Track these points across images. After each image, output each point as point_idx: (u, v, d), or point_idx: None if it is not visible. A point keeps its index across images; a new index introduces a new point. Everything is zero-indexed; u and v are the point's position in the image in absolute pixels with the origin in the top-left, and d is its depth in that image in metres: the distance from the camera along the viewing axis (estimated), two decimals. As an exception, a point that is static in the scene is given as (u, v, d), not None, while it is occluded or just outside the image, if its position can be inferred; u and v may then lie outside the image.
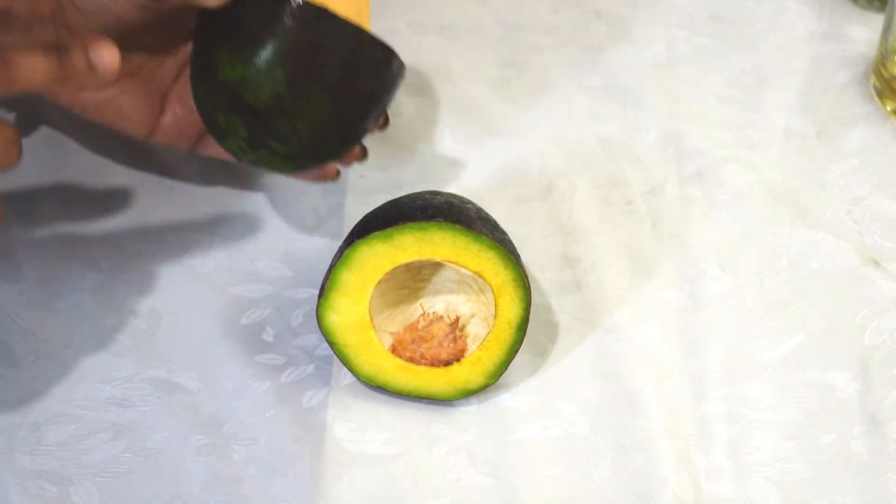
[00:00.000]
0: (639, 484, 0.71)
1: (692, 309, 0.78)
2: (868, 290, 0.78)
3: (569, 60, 0.91)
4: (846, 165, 0.84)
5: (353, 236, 0.71)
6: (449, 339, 0.74)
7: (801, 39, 0.91)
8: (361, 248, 0.70)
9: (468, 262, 0.70)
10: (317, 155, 0.72)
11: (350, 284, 0.71)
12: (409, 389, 0.73)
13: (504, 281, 0.71)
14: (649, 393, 0.74)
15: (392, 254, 0.70)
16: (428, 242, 0.70)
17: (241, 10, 0.68)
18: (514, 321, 0.72)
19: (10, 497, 0.71)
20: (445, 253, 0.70)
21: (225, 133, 0.71)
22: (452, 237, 0.70)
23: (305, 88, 0.68)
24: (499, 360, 0.72)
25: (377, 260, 0.70)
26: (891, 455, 0.71)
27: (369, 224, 0.71)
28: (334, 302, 0.71)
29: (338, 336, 0.72)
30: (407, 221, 0.70)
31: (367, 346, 0.72)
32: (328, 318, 0.72)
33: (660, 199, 0.83)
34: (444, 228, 0.70)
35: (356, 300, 0.71)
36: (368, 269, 0.71)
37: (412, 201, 0.72)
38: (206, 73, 0.70)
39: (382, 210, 0.72)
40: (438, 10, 0.94)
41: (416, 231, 0.70)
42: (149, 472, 0.72)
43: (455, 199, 0.73)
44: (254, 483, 0.71)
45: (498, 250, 0.70)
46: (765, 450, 0.72)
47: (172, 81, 0.77)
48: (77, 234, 0.81)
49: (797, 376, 0.75)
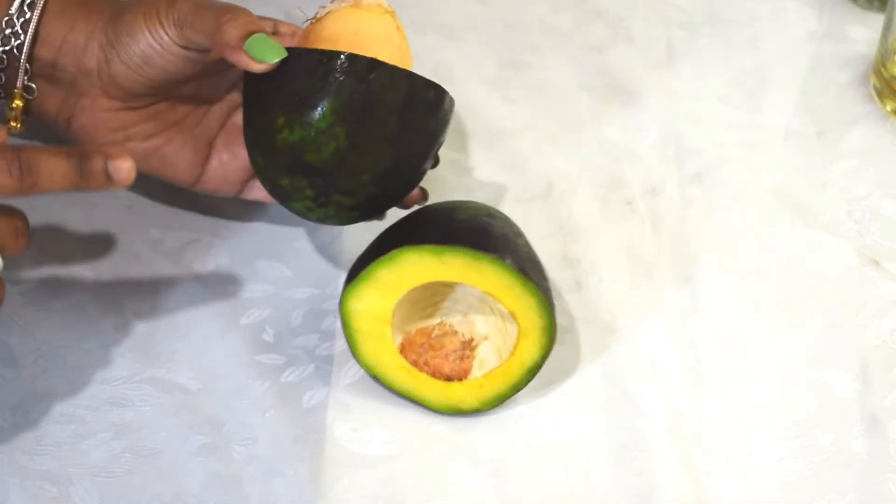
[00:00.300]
0: (639, 484, 0.71)
1: (692, 309, 0.78)
2: (868, 290, 0.78)
3: (569, 60, 0.91)
4: (846, 165, 0.84)
5: (404, 234, 0.71)
6: (456, 356, 0.74)
7: (801, 39, 0.91)
8: (410, 255, 0.70)
9: (507, 300, 0.71)
10: (381, 203, 0.72)
11: (385, 281, 0.70)
12: (403, 389, 0.73)
13: (534, 327, 0.71)
14: (649, 393, 0.74)
15: (438, 269, 0.70)
16: (476, 272, 0.70)
17: (290, 69, 0.68)
18: (528, 364, 0.72)
19: (10, 497, 0.71)
20: (489, 286, 0.70)
21: (290, 195, 0.70)
22: (501, 275, 0.70)
23: (366, 142, 0.68)
24: (499, 393, 0.73)
25: (421, 270, 0.70)
26: (891, 455, 0.71)
27: (424, 228, 0.71)
28: (363, 291, 0.71)
29: (354, 321, 0.72)
30: (462, 244, 0.69)
31: (379, 339, 0.72)
32: (351, 304, 0.71)
33: (660, 199, 0.83)
34: (496, 265, 0.69)
35: (385, 296, 0.71)
36: (409, 275, 0.70)
37: (471, 219, 0.72)
38: (263, 139, 0.70)
39: (441, 217, 0.72)
40: (438, 10, 0.94)
41: (468, 258, 0.69)
42: (149, 472, 0.72)
43: (509, 228, 0.72)
44: (254, 483, 0.71)
45: (539, 299, 0.70)
46: (765, 450, 0.72)
47: (218, 129, 0.78)
48: (77, 234, 0.81)
49: (797, 376, 0.75)
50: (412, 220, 0.73)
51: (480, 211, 0.73)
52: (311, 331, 0.77)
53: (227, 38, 0.69)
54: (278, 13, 0.92)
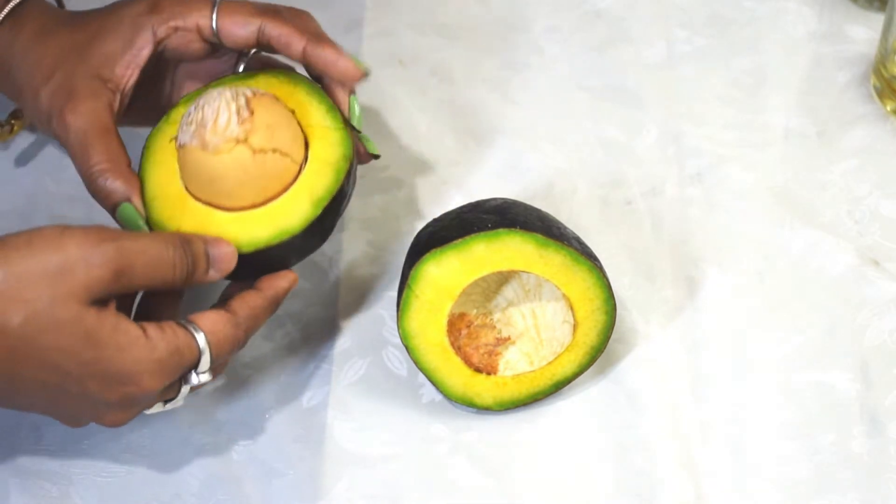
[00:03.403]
0: (639, 484, 0.71)
1: (692, 309, 0.78)
2: (868, 290, 0.78)
3: (569, 60, 0.91)
4: (846, 165, 0.84)
5: (501, 216, 0.70)
6: (487, 350, 0.74)
7: (801, 39, 0.91)
8: (515, 238, 0.69)
9: (581, 311, 0.71)
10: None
11: (476, 256, 0.70)
12: (428, 367, 0.72)
13: (590, 348, 0.72)
14: (649, 393, 0.74)
15: (533, 260, 0.70)
16: (570, 277, 0.70)
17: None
18: (558, 377, 0.73)
19: (10, 497, 0.71)
20: (576, 294, 0.71)
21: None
22: (593, 287, 0.71)
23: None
24: (518, 397, 0.73)
25: (517, 256, 0.70)
26: (891, 455, 0.71)
27: (524, 217, 0.71)
28: (447, 259, 0.70)
29: (420, 284, 0.70)
30: (569, 245, 0.70)
31: (435, 311, 0.71)
32: (428, 267, 0.70)
33: (660, 199, 0.83)
34: (594, 275, 0.71)
35: (466, 271, 0.70)
36: (503, 257, 0.70)
37: (561, 229, 0.72)
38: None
39: (532, 212, 0.72)
40: (438, 10, 0.94)
41: (569, 260, 0.70)
42: (149, 472, 0.72)
43: (576, 240, 0.73)
44: (254, 483, 0.71)
45: (607, 326, 0.72)
46: (765, 450, 0.72)
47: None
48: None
49: (797, 376, 0.75)
50: (503, 207, 0.72)
51: (570, 234, 0.73)
52: (312, 330, 0.77)
53: (99, 202, 0.70)
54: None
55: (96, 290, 0.61)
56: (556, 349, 0.73)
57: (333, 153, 0.70)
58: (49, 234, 0.62)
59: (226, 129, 0.66)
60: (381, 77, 0.89)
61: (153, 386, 0.63)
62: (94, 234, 0.62)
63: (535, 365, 0.73)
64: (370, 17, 0.93)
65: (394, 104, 0.88)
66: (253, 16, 0.72)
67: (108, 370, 0.62)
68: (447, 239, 0.70)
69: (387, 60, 0.91)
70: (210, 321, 0.66)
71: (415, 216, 0.82)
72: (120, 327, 0.62)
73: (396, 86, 0.89)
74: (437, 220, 0.73)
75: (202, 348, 0.65)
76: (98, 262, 0.61)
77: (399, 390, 0.75)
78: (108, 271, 0.61)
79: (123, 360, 0.62)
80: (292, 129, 0.69)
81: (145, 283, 0.64)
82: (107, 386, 0.63)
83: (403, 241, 0.80)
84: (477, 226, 0.70)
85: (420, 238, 0.73)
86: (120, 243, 0.62)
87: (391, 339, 0.77)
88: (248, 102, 0.67)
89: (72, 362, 0.61)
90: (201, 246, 0.66)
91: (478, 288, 0.74)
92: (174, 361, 0.64)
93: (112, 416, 0.65)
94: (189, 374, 0.66)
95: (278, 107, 0.69)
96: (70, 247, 0.61)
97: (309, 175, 0.69)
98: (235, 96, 0.67)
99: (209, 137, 0.66)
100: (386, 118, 0.88)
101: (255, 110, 0.67)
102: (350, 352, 0.76)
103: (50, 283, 0.60)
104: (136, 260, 0.63)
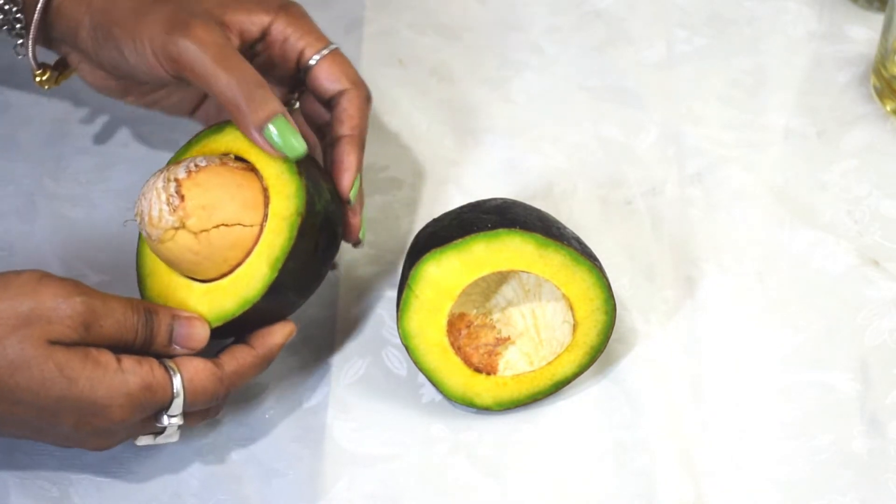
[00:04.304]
0: (639, 484, 0.71)
1: (692, 309, 0.78)
2: (868, 290, 0.78)
3: (569, 60, 0.91)
4: (846, 165, 0.84)
5: (501, 217, 0.70)
6: (486, 350, 0.74)
7: (801, 39, 0.91)
8: (515, 238, 0.69)
9: (581, 311, 0.71)
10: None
11: (476, 256, 0.70)
12: (428, 367, 0.72)
13: (589, 348, 0.72)
14: (649, 393, 0.74)
15: (533, 261, 0.70)
16: (570, 277, 0.71)
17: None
18: (559, 377, 0.73)
19: (10, 497, 0.71)
20: (576, 295, 0.71)
21: None
22: (593, 288, 0.71)
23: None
24: (518, 397, 0.73)
25: (517, 256, 0.70)
26: (891, 455, 0.71)
27: (523, 218, 0.71)
28: (447, 259, 0.70)
29: (419, 284, 0.70)
30: (569, 245, 0.70)
31: (434, 311, 0.71)
32: (428, 267, 0.70)
33: (660, 199, 0.83)
34: (594, 275, 0.71)
35: (465, 271, 0.70)
36: (503, 257, 0.70)
37: (561, 229, 0.72)
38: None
39: (532, 212, 0.72)
40: (438, 10, 0.94)
41: (569, 260, 0.70)
42: (149, 472, 0.72)
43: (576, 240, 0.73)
44: (253, 483, 0.71)
45: (607, 327, 0.72)
46: (765, 450, 0.72)
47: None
48: (77, 234, 0.81)
49: (797, 376, 0.75)
50: (503, 207, 0.72)
51: (570, 236, 0.73)
52: (312, 330, 0.77)
53: (248, 118, 0.69)
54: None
55: (63, 339, 0.63)
56: (556, 349, 0.73)
57: (288, 207, 0.69)
58: (27, 280, 0.64)
59: (160, 221, 0.67)
60: (381, 77, 0.89)
61: (123, 418, 0.65)
62: (69, 287, 0.64)
63: (535, 365, 0.73)
64: (370, 17, 0.93)
65: (394, 104, 0.88)
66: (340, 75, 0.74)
67: (80, 403, 0.64)
68: (447, 239, 0.70)
69: (387, 60, 0.91)
70: (192, 368, 0.67)
71: (415, 216, 0.82)
72: (90, 357, 0.64)
73: (396, 86, 0.89)
74: (437, 220, 0.73)
75: (176, 391, 0.66)
76: (68, 313, 0.63)
77: (399, 390, 0.75)
78: (77, 323, 0.64)
79: (94, 391, 0.64)
80: (240, 196, 0.69)
81: (110, 341, 0.65)
82: (79, 418, 0.65)
83: (403, 241, 0.80)
84: (477, 226, 0.70)
85: (420, 238, 0.73)
86: (91, 300, 0.64)
87: (391, 339, 0.77)
88: (180, 188, 0.67)
89: (45, 399, 0.63)
90: (166, 320, 0.67)
91: (477, 288, 0.74)
92: (144, 397, 0.65)
93: (93, 442, 0.67)
94: (160, 414, 0.67)
95: (219, 178, 0.69)
96: (44, 295, 0.63)
97: (268, 235, 0.69)
98: (166, 184, 0.68)
99: (150, 230, 0.68)
100: (386, 118, 0.88)
101: (185, 195, 0.67)
102: (350, 352, 0.76)
103: (19, 325, 0.63)
104: (102, 318, 0.65)
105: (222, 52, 0.69)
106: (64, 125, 0.86)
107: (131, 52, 0.71)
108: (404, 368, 0.76)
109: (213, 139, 0.72)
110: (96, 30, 0.72)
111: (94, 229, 0.82)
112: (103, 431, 0.66)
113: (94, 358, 0.64)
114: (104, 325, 0.64)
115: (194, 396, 0.66)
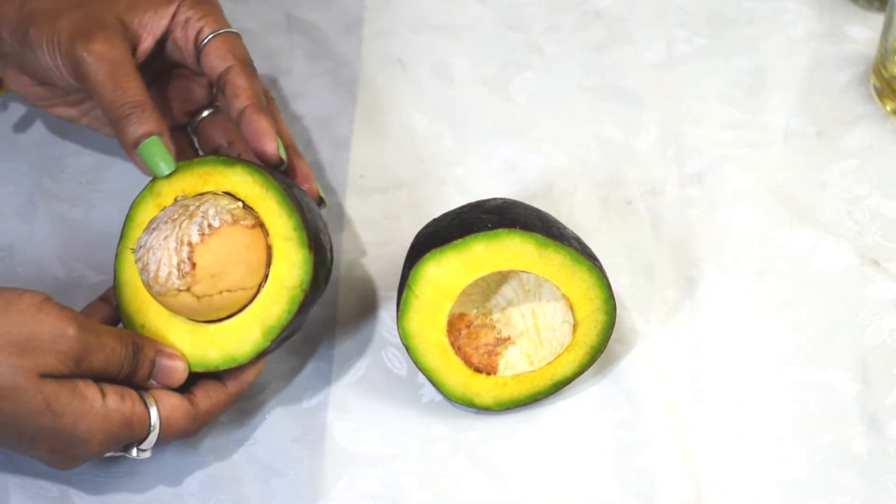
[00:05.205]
0: (639, 484, 0.71)
1: (692, 309, 0.78)
2: (868, 290, 0.78)
3: (569, 60, 0.91)
4: (846, 165, 0.84)
5: (501, 217, 0.71)
6: (487, 350, 0.74)
7: (801, 39, 0.91)
8: (515, 238, 0.69)
9: (581, 311, 0.71)
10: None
11: (476, 256, 0.70)
12: (428, 367, 0.72)
13: (590, 348, 0.72)
14: (649, 393, 0.74)
15: (533, 261, 0.70)
16: (570, 277, 0.71)
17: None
18: (559, 377, 0.73)
19: (10, 497, 0.71)
20: (576, 295, 0.71)
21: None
22: (593, 287, 0.71)
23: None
24: (518, 397, 0.73)
25: (517, 256, 0.70)
26: (891, 455, 0.71)
27: (523, 218, 0.71)
28: (447, 259, 0.70)
29: (419, 284, 0.70)
30: (569, 245, 0.70)
31: (434, 311, 0.71)
32: (428, 268, 0.70)
33: (660, 199, 0.83)
34: (593, 275, 0.71)
35: (465, 272, 0.70)
36: (504, 257, 0.70)
37: (561, 229, 0.72)
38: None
39: (532, 212, 0.72)
40: (438, 10, 0.94)
41: (569, 260, 0.70)
42: (149, 472, 0.72)
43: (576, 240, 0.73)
44: (253, 483, 0.71)
45: (607, 326, 0.72)
46: (764, 450, 0.72)
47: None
48: (77, 234, 0.81)
49: (797, 376, 0.75)
50: (503, 207, 0.72)
51: (570, 236, 0.73)
52: (312, 330, 0.77)
53: (123, 136, 0.71)
54: (279, 14, 0.92)
55: (53, 371, 0.64)
56: (556, 349, 0.73)
57: (292, 277, 0.69)
58: (28, 306, 0.64)
59: (167, 281, 0.67)
60: (381, 77, 0.89)
61: (100, 451, 0.66)
62: (67, 318, 0.64)
63: (535, 365, 0.73)
64: (370, 17, 0.93)
65: (394, 104, 0.88)
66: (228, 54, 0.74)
67: (61, 434, 0.65)
68: (447, 239, 0.70)
69: (387, 60, 0.91)
70: (170, 405, 0.68)
71: (415, 216, 0.82)
72: (77, 391, 0.65)
73: (396, 86, 0.89)
74: (437, 220, 0.73)
75: (152, 425, 0.67)
76: (63, 349, 0.64)
77: (399, 390, 0.75)
78: (69, 358, 0.64)
79: (76, 427, 0.65)
80: (246, 260, 0.68)
81: (97, 372, 0.66)
82: (56, 445, 0.66)
83: (403, 241, 0.80)
84: (477, 226, 0.70)
85: (420, 238, 0.73)
86: (86, 336, 0.65)
87: (391, 339, 0.77)
88: (192, 253, 0.67)
89: (27, 427, 0.64)
90: (150, 355, 0.68)
91: (477, 288, 0.74)
92: (123, 433, 0.66)
93: (60, 464, 0.68)
94: (131, 446, 0.68)
95: (230, 242, 0.68)
96: (43, 325, 0.64)
97: (265, 298, 0.69)
98: (178, 247, 0.67)
99: (153, 284, 0.68)
100: (386, 118, 0.88)
101: (197, 262, 0.67)
102: (350, 352, 0.76)
103: (14, 353, 0.63)
104: (95, 353, 0.65)
105: (113, 69, 0.70)
106: (64, 125, 0.86)
107: (43, 54, 0.72)
108: (404, 368, 0.76)
109: (220, 171, 0.71)
110: (17, 31, 0.73)
111: (93, 229, 0.82)
112: (75, 458, 0.67)
113: (81, 392, 0.65)
114: (94, 361, 0.65)
115: (168, 433, 0.68)
